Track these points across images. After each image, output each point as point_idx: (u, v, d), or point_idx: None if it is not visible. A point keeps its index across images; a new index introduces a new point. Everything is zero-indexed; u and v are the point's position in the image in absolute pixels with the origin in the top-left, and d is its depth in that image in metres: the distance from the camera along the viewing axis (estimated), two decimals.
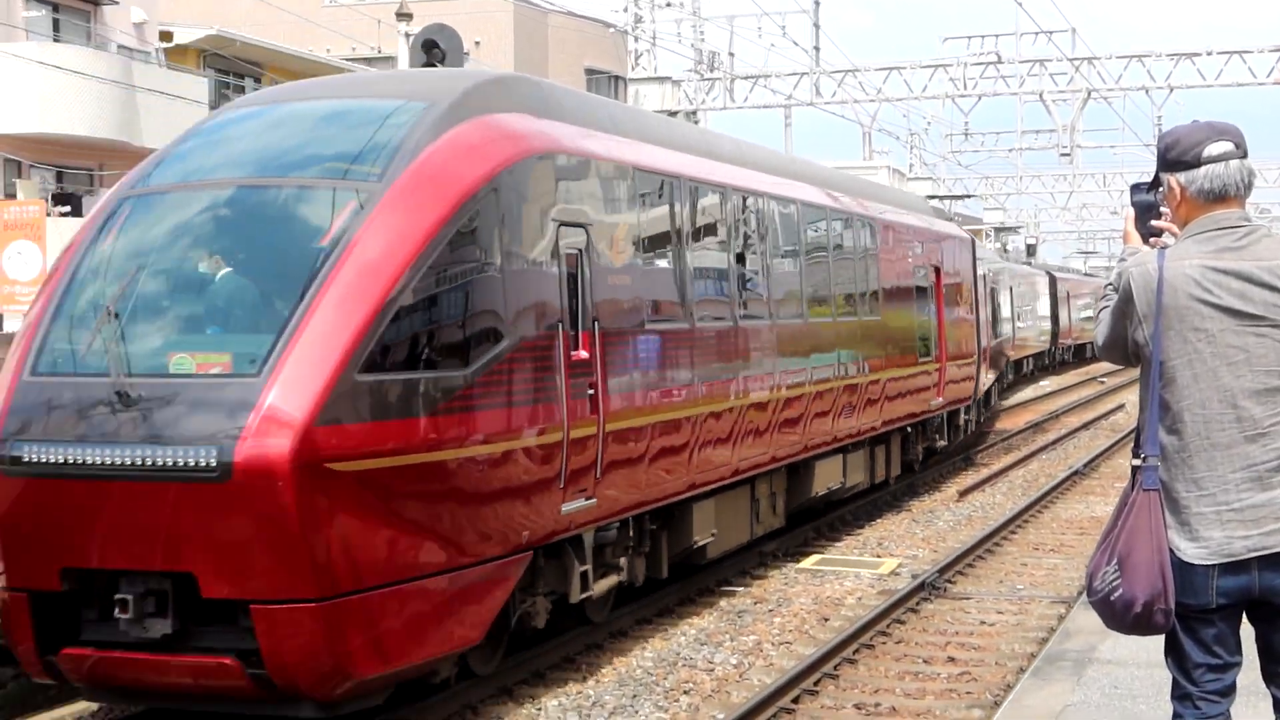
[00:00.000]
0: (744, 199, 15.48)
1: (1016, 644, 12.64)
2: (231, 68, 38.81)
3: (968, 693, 11.13)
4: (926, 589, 14.75)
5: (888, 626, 13.24)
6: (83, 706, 11.25)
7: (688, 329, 13.42)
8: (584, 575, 11.61)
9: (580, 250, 11.33)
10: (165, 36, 36.57)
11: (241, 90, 39.55)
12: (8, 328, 26.25)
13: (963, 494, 22.26)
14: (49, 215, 29.07)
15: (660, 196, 13.35)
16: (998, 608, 14.34)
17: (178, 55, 36.93)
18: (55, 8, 33.46)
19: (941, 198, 46.58)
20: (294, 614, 8.79)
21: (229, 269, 9.68)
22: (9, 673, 12.22)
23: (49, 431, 9.13)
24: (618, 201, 12.41)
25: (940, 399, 23.13)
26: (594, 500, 11.31)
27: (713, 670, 11.82)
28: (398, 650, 9.35)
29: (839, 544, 18.34)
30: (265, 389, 8.75)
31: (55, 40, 32.76)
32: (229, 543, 8.79)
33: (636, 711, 10.61)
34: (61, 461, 8.99)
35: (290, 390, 8.76)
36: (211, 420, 8.76)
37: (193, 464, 8.67)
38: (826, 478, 17.63)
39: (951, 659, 12.23)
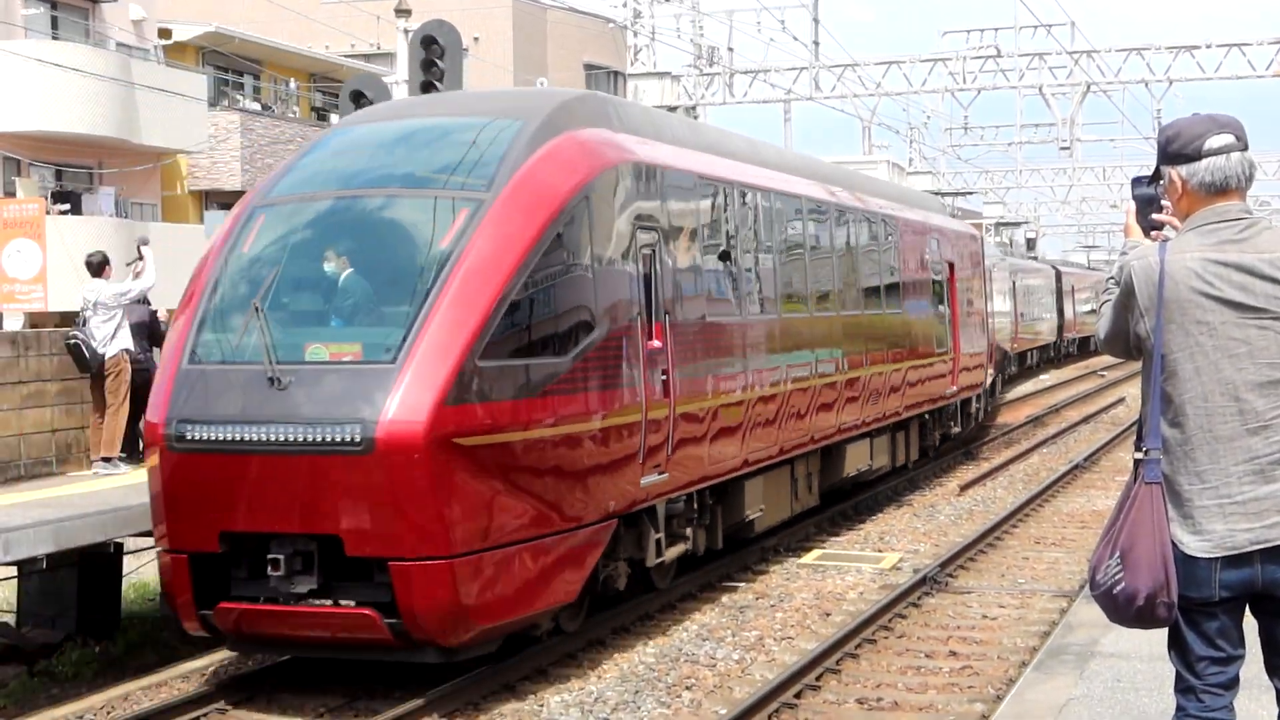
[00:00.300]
0: (785, 202, 16.93)
1: (1018, 638, 12.64)
2: (230, 65, 38.78)
3: (970, 687, 11.13)
4: (928, 583, 14.76)
5: (889, 621, 13.24)
6: (85, 705, 11.27)
7: (740, 321, 14.88)
8: (657, 543, 12.98)
9: (652, 250, 12.71)
10: (164, 34, 36.55)
11: (240, 87, 39.53)
12: (7, 325, 26.22)
13: (964, 488, 22.25)
14: (48, 213, 29.05)
15: (716, 200, 14.76)
16: (999, 602, 14.34)
17: (176, 52, 36.91)
18: (54, 5, 33.43)
19: (945, 194, 46.59)
20: (426, 570, 10.14)
21: (358, 269, 11.07)
22: (10, 672, 12.24)
23: (208, 413, 10.49)
24: (681, 205, 13.73)
25: (954, 387, 24.57)
26: (666, 475, 12.62)
27: (715, 666, 11.82)
28: (511, 604, 10.72)
29: (840, 539, 18.34)
30: (401, 374, 10.15)
31: (54, 38, 32.71)
32: (370, 508, 10.15)
33: (639, 707, 10.61)
34: (220, 439, 10.38)
35: (423, 375, 10.15)
36: (356, 401, 10.15)
37: (340, 440, 10.06)
38: (856, 460, 19.03)
39: (953, 653, 12.23)
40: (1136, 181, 5.02)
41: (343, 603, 10.54)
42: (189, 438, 10.47)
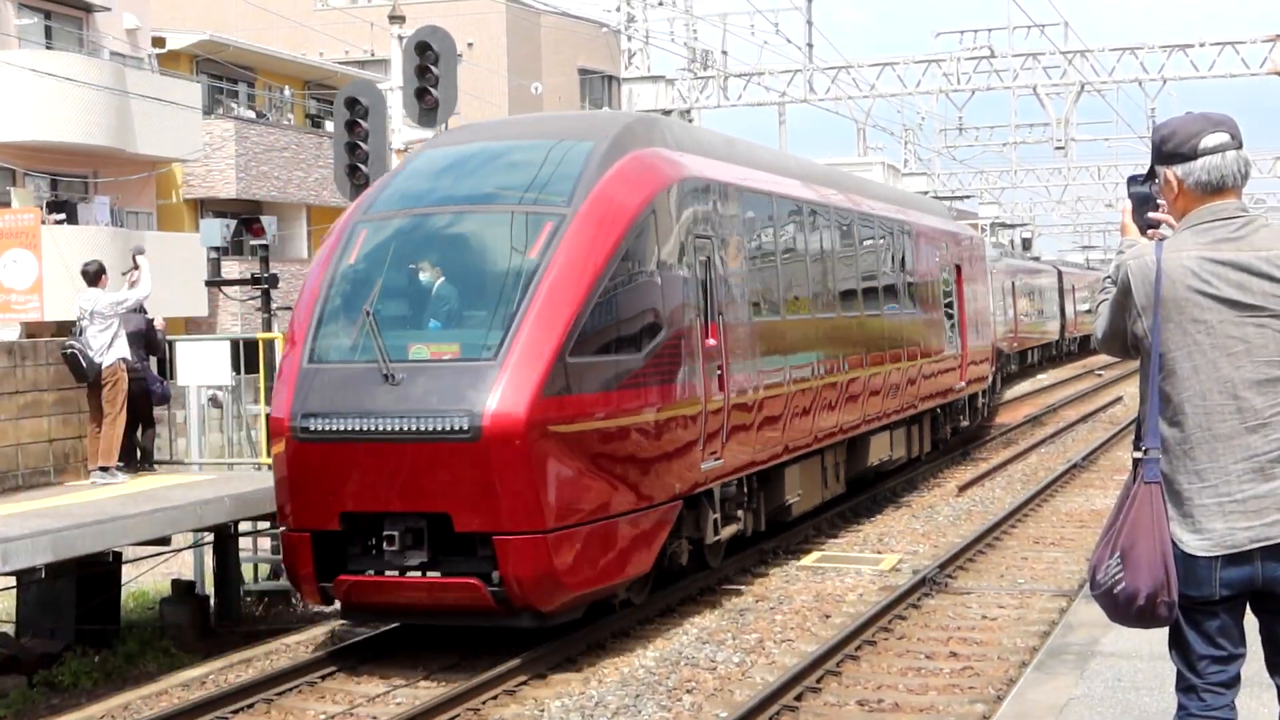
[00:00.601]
0: (818, 211, 18.58)
1: (1019, 638, 12.64)
2: (224, 73, 38.75)
3: (970, 688, 11.12)
4: (928, 584, 14.76)
5: (889, 622, 13.23)
6: (85, 714, 11.26)
7: (780, 320, 16.42)
8: (714, 522, 14.34)
9: (707, 257, 14.11)
10: (158, 42, 36.52)
11: (234, 95, 39.51)
12: (4, 336, 26.20)
13: (962, 489, 22.25)
14: (44, 223, 29.04)
15: (756, 210, 16.24)
16: (999, 602, 14.34)
17: (170, 61, 36.88)
18: (48, 15, 33.40)
19: (942, 197, 46.70)
20: (526, 543, 11.44)
21: (454, 277, 12.38)
22: (10, 682, 12.22)
23: (329, 407, 11.77)
24: (730, 216, 15.15)
25: (963, 383, 26.10)
26: (721, 460, 13.98)
27: (715, 669, 11.81)
28: (597, 574, 12.09)
29: (839, 541, 18.33)
30: (502, 370, 11.47)
31: (48, 48, 32.69)
32: (476, 489, 11.41)
33: (639, 711, 10.61)
34: (341, 430, 11.67)
35: (522, 371, 11.47)
36: (463, 394, 11.44)
37: (450, 428, 11.35)
38: (878, 450, 20.42)
39: (954, 654, 12.23)
40: (1133, 180, 5.01)
41: (451, 574, 11.71)
42: (312, 429, 11.77)
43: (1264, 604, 4.67)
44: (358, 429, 11.63)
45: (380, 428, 11.56)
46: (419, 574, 11.77)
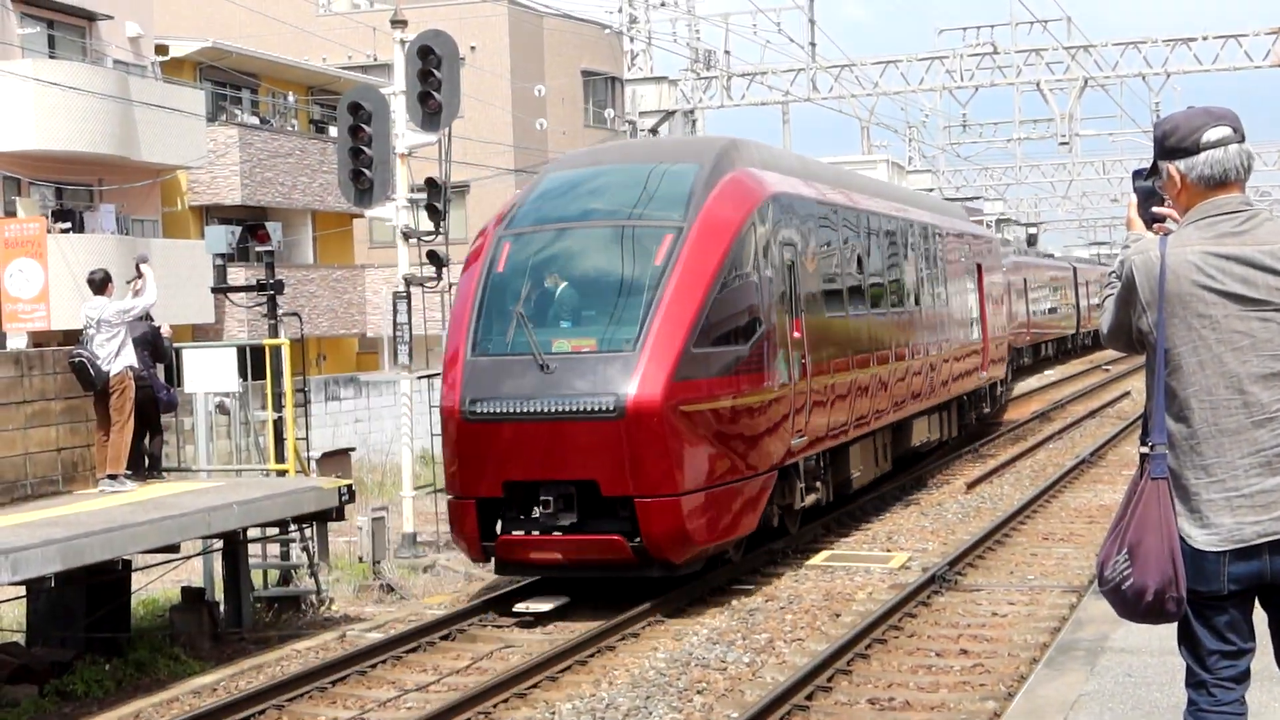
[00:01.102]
0: (872, 219, 21.05)
1: (1029, 634, 12.62)
2: (228, 79, 38.76)
3: (981, 684, 11.11)
4: (937, 582, 14.75)
5: (899, 620, 13.23)
6: None
7: (846, 316, 18.81)
8: (800, 491, 16.60)
9: (792, 261, 16.45)
10: (161, 50, 36.51)
11: (238, 102, 39.52)
12: (11, 345, 26.22)
13: (971, 485, 22.23)
14: (49, 232, 29.06)
15: (827, 219, 18.69)
16: (1009, 599, 14.32)
17: (174, 68, 36.88)
18: (51, 24, 33.40)
19: (953, 199, 46.87)
20: (663, 505, 13.61)
21: (591, 282, 14.75)
22: (21, 691, 12.23)
23: (492, 392, 13.94)
24: (807, 225, 17.55)
25: (985, 373, 28.37)
26: (805, 438, 16.22)
27: (726, 669, 11.81)
28: (717, 532, 14.25)
29: (848, 539, 18.33)
30: (640, 359, 13.70)
31: (51, 57, 32.69)
32: (620, 459, 13.58)
33: (650, 713, 10.60)
34: (503, 411, 13.86)
35: (656, 360, 13.69)
36: (608, 380, 13.66)
37: (599, 408, 13.57)
38: (919, 433, 23.00)
39: (964, 651, 12.22)
40: (1138, 174, 5.00)
41: (598, 532, 13.80)
42: (478, 411, 13.96)
43: (1273, 598, 4.65)
44: (517, 410, 13.83)
45: (537, 409, 13.76)
46: (568, 533, 13.88)
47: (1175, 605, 4.57)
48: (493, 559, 14.60)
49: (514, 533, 14.20)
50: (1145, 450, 4.68)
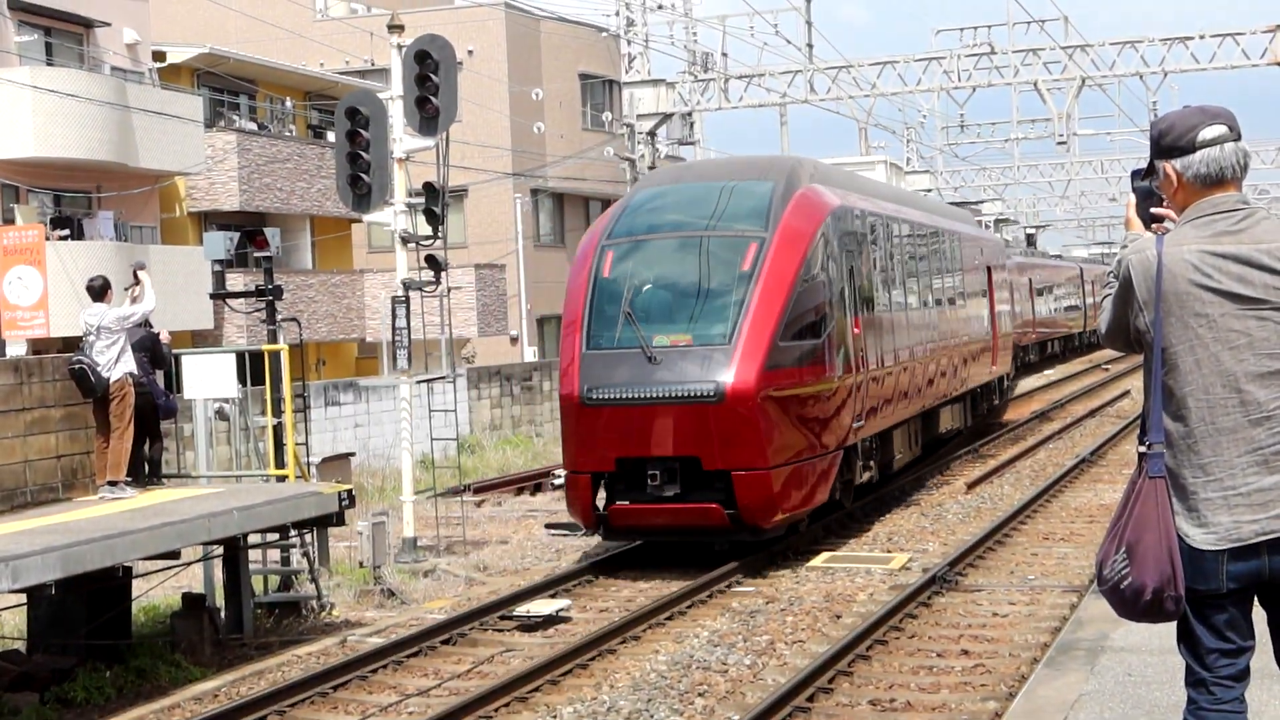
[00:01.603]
0: (911, 226, 23.65)
1: (1029, 634, 12.63)
2: (225, 85, 38.75)
3: (982, 685, 11.11)
4: (938, 583, 14.75)
5: (900, 621, 13.23)
6: None
7: (893, 315, 21.26)
8: (858, 468, 18.80)
9: (851, 266, 18.75)
10: (158, 56, 36.50)
11: (236, 107, 39.52)
12: (10, 352, 26.22)
13: (970, 486, 22.24)
14: (48, 239, 29.06)
15: (877, 229, 21.03)
16: (1009, 599, 14.33)
17: (171, 75, 36.88)
18: (48, 31, 33.39)
19: (956, 203, 47.04)
20: (754, 477, 15.80)
21: (686, 285, 16.84)
22: (23, 699, 12.22)
23: (606, 380, 16.13)
24: (861, 234, 19.85)
25: (995, 368, 30.75)
26: (863, 422, 18.56)
27: (727, 671, 11.81)
28: (796, 501, 16.43)
29: (849, 541, 18.33)
30: (735, 352, 15.89)
31: (49, 64, 32.68)
32: (719, 438, 15.74)
33: (652, 716, 10.60)
34: (616, 397, 16.03)
35: (749, 352, 15.89)
36: (709, 369, 15.82)
37: (701, 394, 15.73)
38: (944, 421, 25.28)
39: (965, 652, 12.22)
40: (1135, 174, 4.99)
41: (699, 501, 15.88)
42: (595, 397, 16.13)
43: (1272, 596, 4.65)
44: (629, 395, 15.99)
45: (647, 394, 15.93)
46: (672, 502, 15.98)
47: (1174, 604, 4.57)
48: (602, 526, 16.79)
49: (624, 503, 16.32)
50: (1143, 449, 4.68)
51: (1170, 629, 4.80)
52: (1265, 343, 4.57)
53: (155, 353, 15.71)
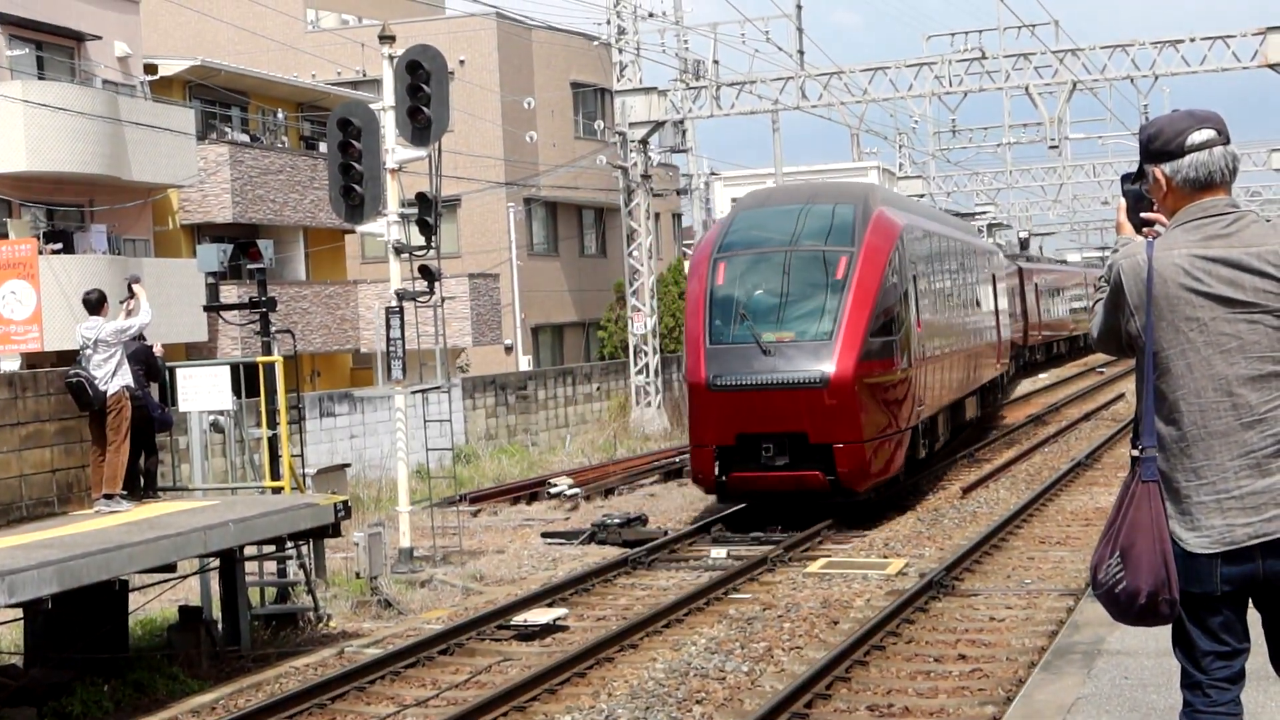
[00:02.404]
0: (948, 241, 27.41)
1: (1026, 638, 12.64)
2: (217, 97, 38.74)
3: (980, 689, 11.12)
4: (934, 588, 14.76)
5: (897, 627, 13.23)
6: None
7: (938, 317, 24.74)
8: (920, 445, 22.41)
9: (914, 275, 22.22)
10: (150, 69, 36.47)
11: (228, 119, 39.50)
12: (4, 367, 26.19)
13: (966, 491, 22.26)
14: (41, 253, 29.03)
15: (930, 245, 24.87)
16: (1006, 603, 14.34)
17: (163, 87, 36.85)
18: (39, 46, 33.36)
19: (953, 212, 47.33)
20: (852, 449, 19.17)
21: (790, 292, 20.06)
22: (20, 714, 12.20)
23: (727, 370, 19.48)
24: (920, 249, 23.37)
25: (1001, 365, 34.62)
26: (923, 406, 22.18)
27: (724, 679, 11.81)
28: (882, 469, 19.95)
29: (845, 546, 18.34)
30: (835, 346, 19.24)
31: (40, 78, 32.65)
32: (823, 416, 19.08)
33: None
34: (737, 383, 19.35)
35: (847, 346, 19.23)
36: (815, 360, 19.21)
37: (809, 380, 19.13)
38: (968, 410, 29.12)
39: (962, 656, 12.23)
40: (1126, 178, 5.01)
41: (806, 469, 19.30)
42: (718, 383, 19.50)
43: (1266, 598, 4.66)
44: (748, 382, 19.32)
45: (762, 381, 19.29)
46: (783, 470, 19.30)
47: (1168, 607, 4.58)
48: (720, 489, 20.13)
49: (743, 471, 19.51)
50: (1136, 453, 4.70)
51: (1167, 631, 4.81)
52: (1256, 346, 4.58)
53: (150, 365, 15.70)
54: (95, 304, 14.93)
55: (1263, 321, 4.57)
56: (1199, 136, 4.66)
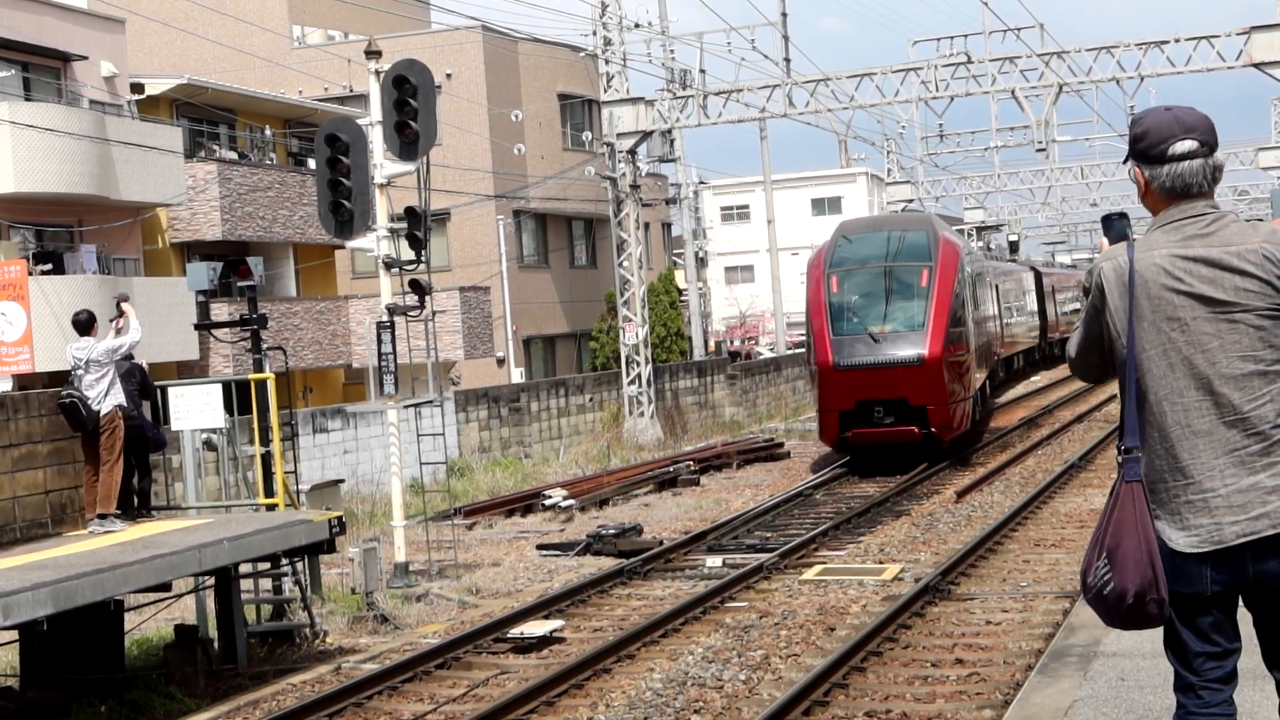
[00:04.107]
0: (976, 258, 33.68)
1: (1023, 641, 12.65)
2: (204, 115, 38.75)
3: (977, 693, 11.13)
4: (930, 592, 14.76)
5: (894, 632, 13.24)
6: None
7: (982, 314, 31.72)
8: (977, 409, 29.93)
9: (970, 282, 29.17)
10: (136, 89, 36.47)
11: (215, 137, 39.49)
12: None
13: (961, 495, 22.28)
14: (31, 274, 29.01)
15: (973, 261, 30.96)
16: (1002, 606, 14.35)
17: (150, 106, 36.86)
18: (25, 66, 33.36)
19: (949, 217, 47.75)
20: (941, 409, 26.46)
21: (889, 295, 27.10)
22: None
23: (848, 354, 26.54)
24: (969, 263, 29.76)
25: (1001, 354, 41.15)
26: (979, 378, 29.80)
27: (722, 688, 11.81)
28: (959, 424, 27.45)
29: (841, 553, 18.34)
30: (926, 334, 26.51)
31: (27, 99, 32.65)
32: (919, 385, 26.26)
33: None
34: (855, 363, 26.46)
35: (935, 334, 26.54)
36: (912, 345, 26.49)
37: (909, 359, 26.35)
38: (994, 391, 37.10)
39: (959, 661, 12.24)
40: (1107, 220, 5.00)
41: (907, 425, 26.20)
42: (841, 364, 26.38)
43: (1256, 598, 4.66)
44: (863, 361, 26.24)
45: (874, 360, 26.21)
46: (889, 426, 26.22)
47: (1157, 608, 4.58)
48: (842, 444, 27.12)
49: (860, 429, 26.41)
50: (1121, 455, 4.71)
51: (1162, 632, 4.81)
52: (1237, 345, 4.59)
53: (143, 384, 15.69)
54: (85, 324, 14.92)
55: (1243, 320, 4.58)
56: (1181, 147, 4.66)
